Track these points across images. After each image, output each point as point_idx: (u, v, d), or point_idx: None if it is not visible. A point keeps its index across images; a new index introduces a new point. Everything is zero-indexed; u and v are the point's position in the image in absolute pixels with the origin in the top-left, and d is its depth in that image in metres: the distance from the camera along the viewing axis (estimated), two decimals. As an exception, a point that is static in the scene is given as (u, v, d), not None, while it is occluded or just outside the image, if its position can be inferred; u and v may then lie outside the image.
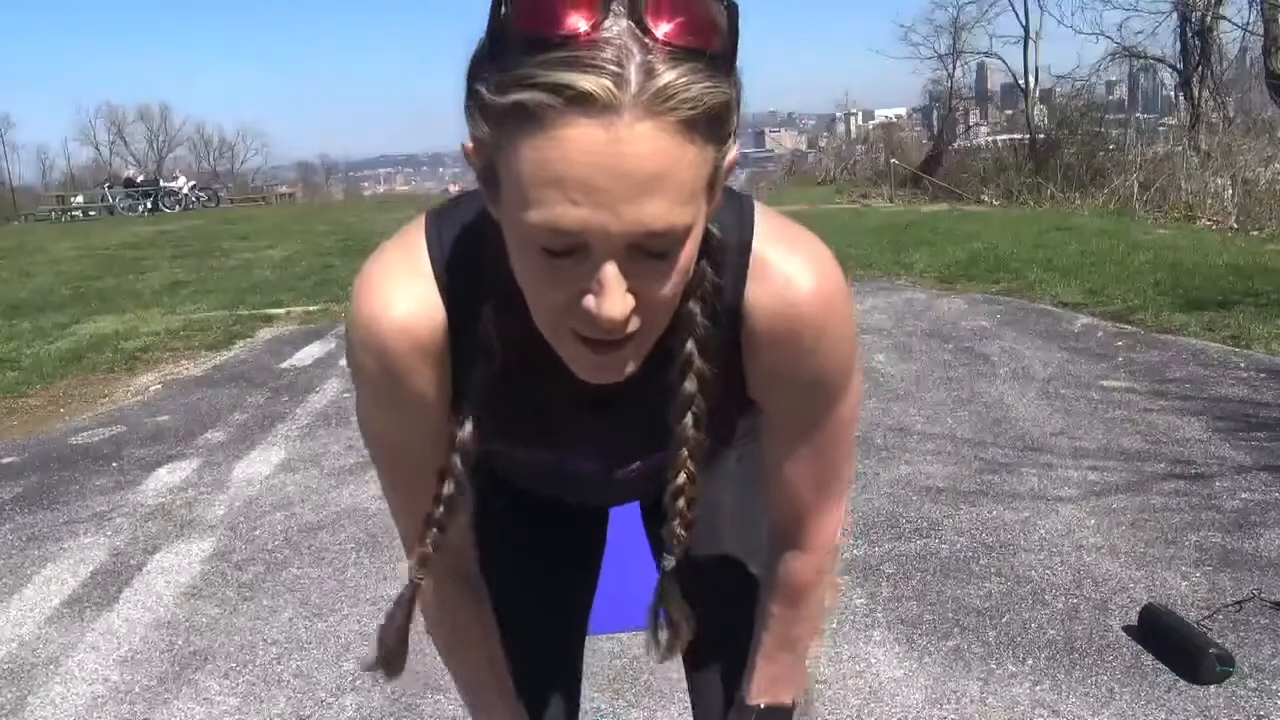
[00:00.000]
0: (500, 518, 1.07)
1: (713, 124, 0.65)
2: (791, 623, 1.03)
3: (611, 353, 0.73)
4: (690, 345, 0.79)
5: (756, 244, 0.81)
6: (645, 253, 0.67)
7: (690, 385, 0.80)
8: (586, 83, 0.61)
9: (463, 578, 1.01)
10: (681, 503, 0.85)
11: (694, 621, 0.94)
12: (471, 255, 0.81)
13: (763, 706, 1.06)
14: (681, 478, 0.84)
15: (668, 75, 0.62)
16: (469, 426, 0.83)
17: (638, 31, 0.62)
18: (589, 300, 0.67)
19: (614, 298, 0.67)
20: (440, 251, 0.82)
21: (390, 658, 0.90)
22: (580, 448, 0.94)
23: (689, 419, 0.81)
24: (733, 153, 0.71)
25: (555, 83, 0.61)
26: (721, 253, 0.80)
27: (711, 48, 0.64)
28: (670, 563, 0.89)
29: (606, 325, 0.68)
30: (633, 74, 0.61)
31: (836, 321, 0.83)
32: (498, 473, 1.02)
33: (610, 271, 0.66)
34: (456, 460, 0.84)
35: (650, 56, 0.62)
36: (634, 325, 0.70)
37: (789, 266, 0.81)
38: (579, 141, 0.62)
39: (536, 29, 0.62)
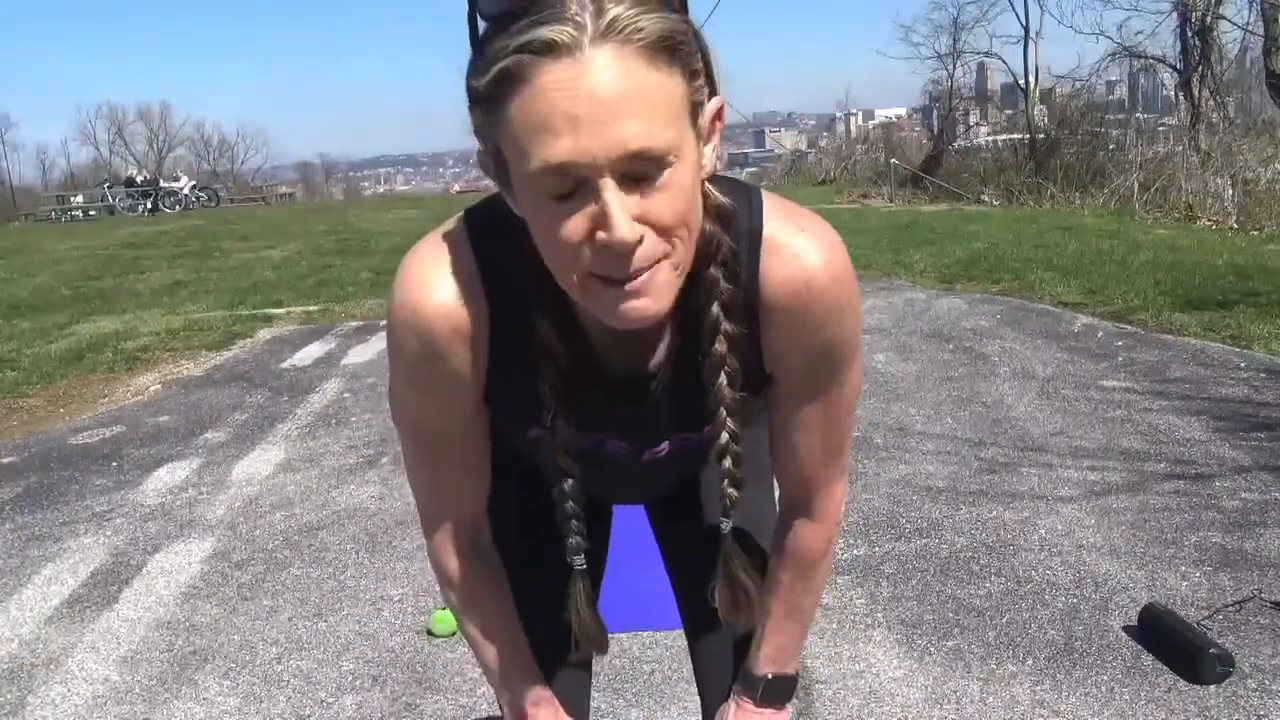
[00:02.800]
0: (512, 506, 1.10)
1: (673, 52, 0.73)
2: (800, 592, 1.07)
3: (634, 287, 0.77)
4: (716, 309, 0.86)
5: (767, 226, 0.87)
6: (636, 178, 0.73)
7: (720, 346, 0.87)
8: (549, 33, 0.70)
9: (479, 550, 1.05)
10: (728, 462, 0.92)
11: (759, 586, 1.01)
12: (508, 248, 0.87)
13: (770, 676, 1.09)
14: (725, 437, 0.90)
15: (614, 9, 0.71)
16: (561, 424, 0.90)
17: None
18: (600, 235, 0.73)
19: (620, 219, 0.72)
20: (480, 245, 0.88)
21: (595, 642, 1.01)
22: (613, 431, 0.99)
23: (723, 379, 0.88)
24: (715, 101, 0.79)
25: (524, 41, 0.70)
26: (731, 218, 0.86)
27: None
28: (728, 525, 0.96)
29: (620, 248, 0.73)
30: (587, 17, 0.70)
31: (845, 295, 0.89)
32: (525, 460, 1.05)
33: (610, 194, 0.72)
34: (566, 459, 0.92)
35: (601, 1, 0.71)
36: (648, 250, 0.75)
37: (799, 244, 0.87)
38: (552, 82, 0.70)
39: (499, 7, 0.72)
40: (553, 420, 0.89)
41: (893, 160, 20.57)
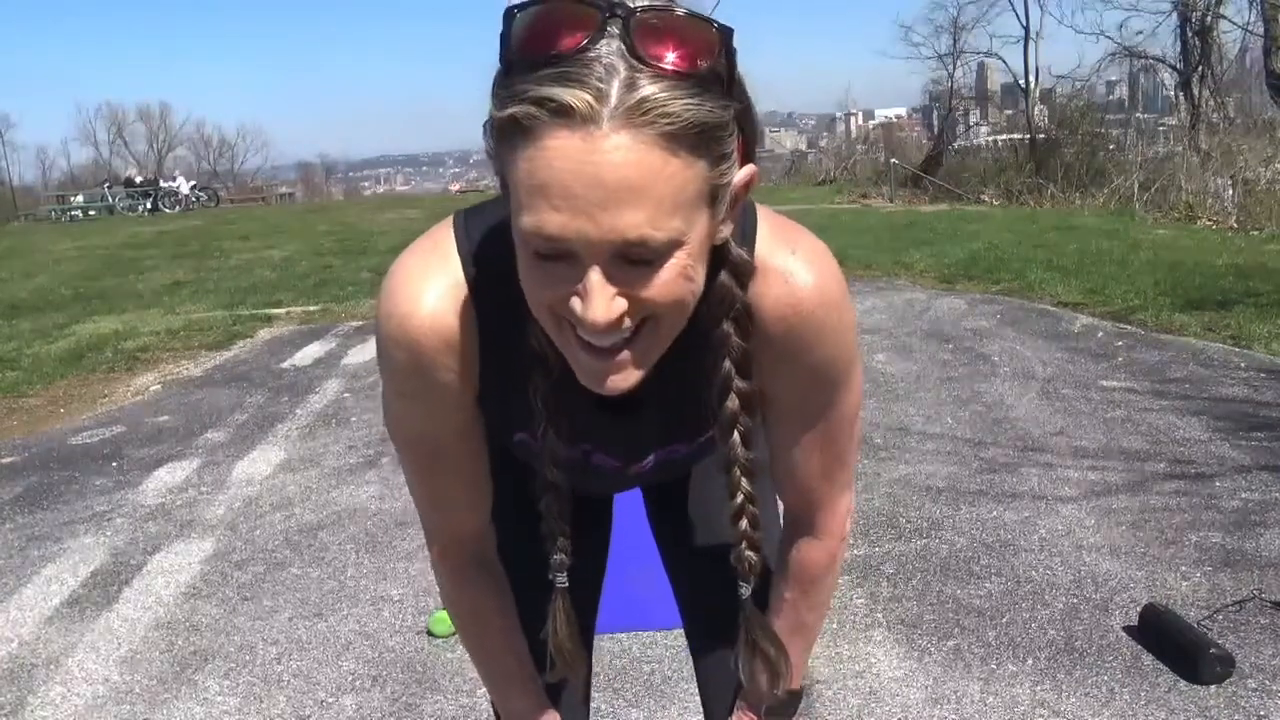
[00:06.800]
0: (513, 506, 1.09)
1: (700, 140, 0.68)
2: (804, 609, 1.06)
3: (612, 359, 0.75)
4: (728, 365, 0.85)
5: (759, 245, 0.85)
6: (630, 260, 0.70)
7: (733, 404, 0.86)
8: (568, 96, 0.65)
9: (483, 564, 1.04)
10: (745, 524, 0.90)
11: (784, 650, 0.98)
12: (498, 254, 0.84)
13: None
14: (740, 498, 0.89)
15: (647, 89, 0.65)
16: (552, 436, 0.88)
17: (625, 51, 0.66)
18: (575, 303, 0.71)
19: (597, 303, 0.70)
20: (468, 250, 0.85)
21: (570, 666, 0.98)
22: (599, 443, 0.97)
23: (736, 437, 0.87)
24: (743, 173, 0.74)
25: (541, 96, 0.66)
26: (746, 273, 0.83)
27: (699, 69, 0.67)
28: (746, 590, 0.94)
29: (592, 329, 0.71)
30: (614, 89, 0.65)
31: (835, 316, 0.87)
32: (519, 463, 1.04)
33: (594, 278, 0.69)
34: (554, 471, 0.90)
35: (635, 74, 0.66)
36: (628, 328, 0.73)
37: (790, 265, 0.85)
38: (559, 151, 0.66)
39: (532, 49, 0.67)
40: (544, 432, 0.88)
41: (893, 160, 20.56)
